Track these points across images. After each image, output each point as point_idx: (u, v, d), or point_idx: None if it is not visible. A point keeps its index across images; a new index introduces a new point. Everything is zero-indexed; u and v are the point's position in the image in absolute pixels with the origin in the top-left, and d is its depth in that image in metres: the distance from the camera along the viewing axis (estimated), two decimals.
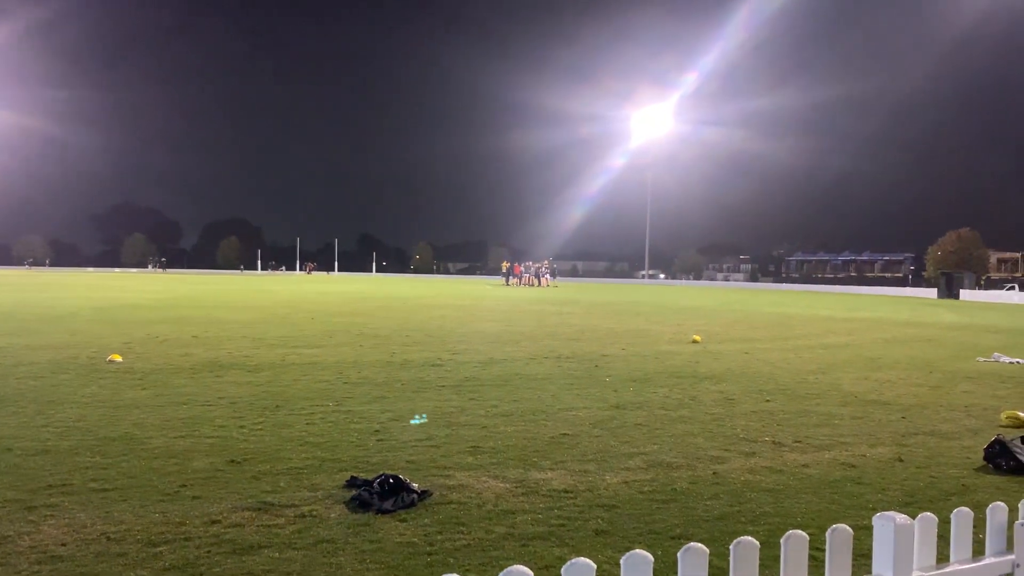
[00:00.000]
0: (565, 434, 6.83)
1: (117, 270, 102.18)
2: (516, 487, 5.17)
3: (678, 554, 1.98)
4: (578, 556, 1.93)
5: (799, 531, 2.20)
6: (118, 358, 10.68)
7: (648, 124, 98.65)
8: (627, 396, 8.90)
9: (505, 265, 64.19)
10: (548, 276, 58.91)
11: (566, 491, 5.12)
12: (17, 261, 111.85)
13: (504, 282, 60.92)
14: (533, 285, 56.60)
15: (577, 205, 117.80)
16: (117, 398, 8.01)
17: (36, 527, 4.20)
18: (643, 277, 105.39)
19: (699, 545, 2.00)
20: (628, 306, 30.23)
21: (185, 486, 5.02)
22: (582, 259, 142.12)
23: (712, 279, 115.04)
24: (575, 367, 11.26)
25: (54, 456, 5.67)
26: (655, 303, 33.70)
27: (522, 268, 61.06)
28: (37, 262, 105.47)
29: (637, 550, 1.96)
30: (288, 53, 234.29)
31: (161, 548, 3.95)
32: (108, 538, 4.07)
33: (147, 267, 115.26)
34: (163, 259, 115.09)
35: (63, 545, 3.96)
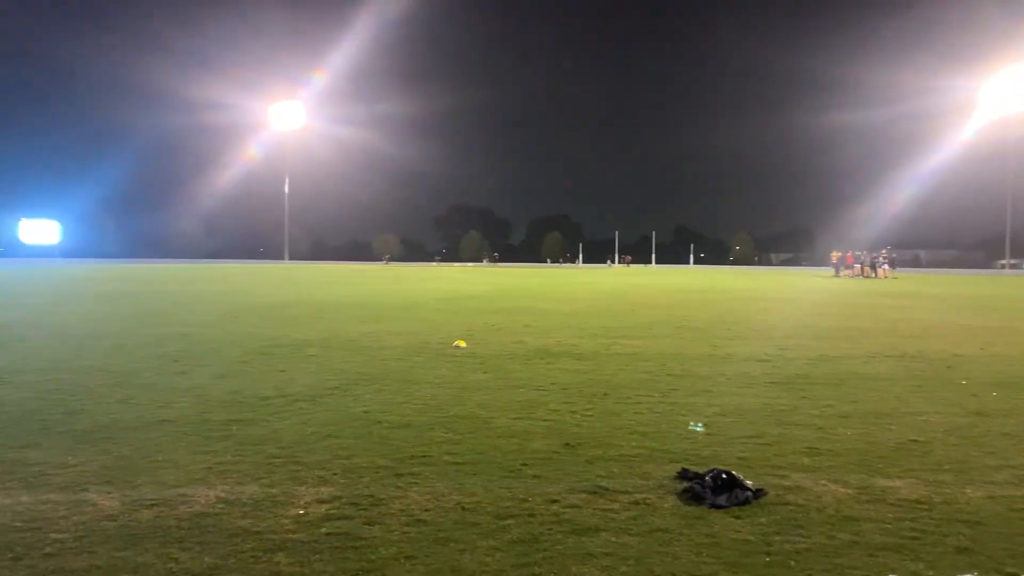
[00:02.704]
0: (914, 440, 6.22)
1: (456, 264, 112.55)
2: (859, 493, 4.81)
3: None
4: (936, 573, 1.74)
5: None
6: (463, 344, 11.73)
7: (1005, 92, 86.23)
8: (989, 402, 7.87)
9: (835, 255, 59.60)
10: (886, 267, 53.74)
11: (918, 502, 4.66)
12: (376, 256, 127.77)
13: (834, 273, 56.97)
14: (868, 276, 52.17)
15: (916, 187, 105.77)
16: (463, 380, 8.80)
17: (404, 492, 4.76)
18: (1002, 267, 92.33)
19: None
20: (984, 300, 26.70)
21: (526, 464, 5.37)
22: (925, 247, 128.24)
23: None
24: (922, 367, 10.19)
25: (414, 430, 6.38)
26: (1019, 296, 29.38)
27: (855, 257, 56.55)
28: (394, 258, 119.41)
29: None
30: (593, 50, 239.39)
31: (508, 521, 4.27)
32: (463, 508, 4.49)
33: (481, 261, 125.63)
34: (495, 254, 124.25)
35: (426, 511, 4.44)
